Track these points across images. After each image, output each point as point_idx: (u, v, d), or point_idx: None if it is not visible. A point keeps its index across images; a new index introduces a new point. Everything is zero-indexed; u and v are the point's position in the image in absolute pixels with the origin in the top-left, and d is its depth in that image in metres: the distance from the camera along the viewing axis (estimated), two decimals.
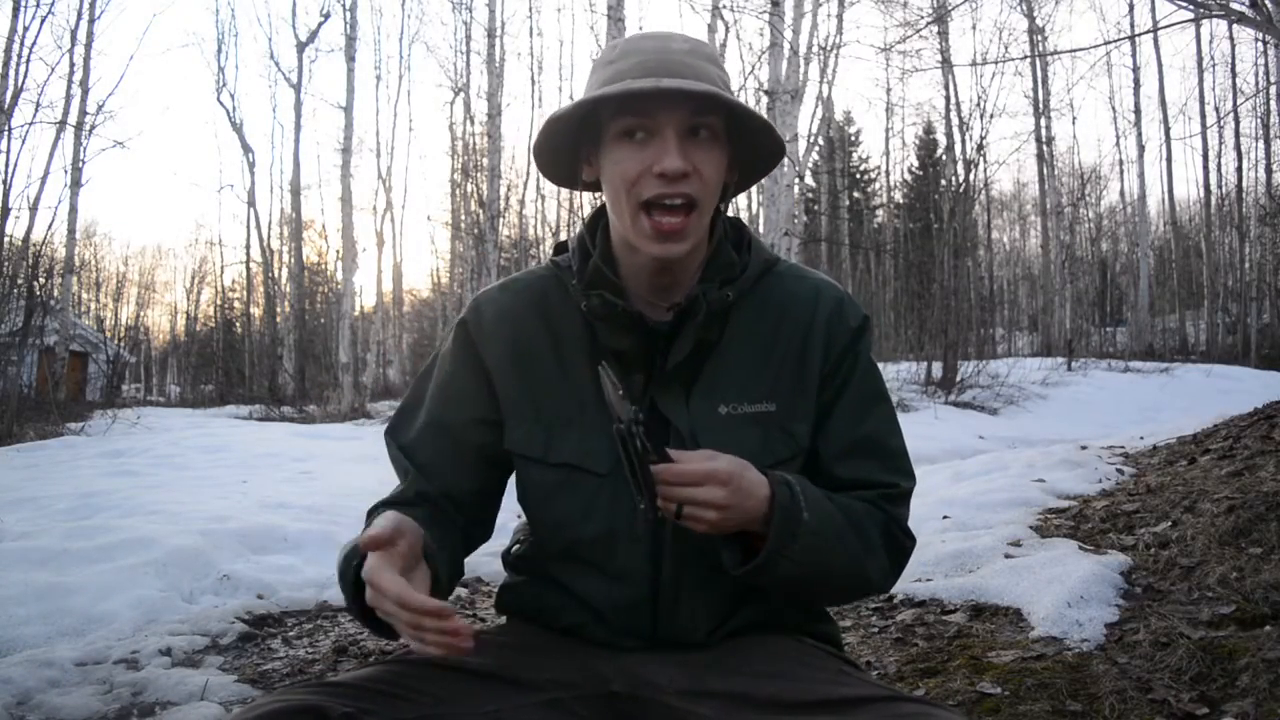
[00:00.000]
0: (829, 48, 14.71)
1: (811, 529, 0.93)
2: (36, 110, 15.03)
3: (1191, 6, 5.43)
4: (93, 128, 16.35)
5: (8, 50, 13.51)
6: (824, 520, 0.95)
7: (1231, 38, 20.89)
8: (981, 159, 16.27)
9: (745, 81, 12.07)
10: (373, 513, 1.07)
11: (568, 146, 1.05)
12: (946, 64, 17.96)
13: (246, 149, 23.56)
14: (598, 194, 1.07)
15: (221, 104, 29.29)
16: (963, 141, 18.98)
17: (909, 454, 1.10)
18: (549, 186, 22.63)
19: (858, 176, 31.46)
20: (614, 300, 1.00)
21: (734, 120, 0.99)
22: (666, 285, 1.04)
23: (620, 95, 0.94)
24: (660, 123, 0.96)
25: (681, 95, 0.94)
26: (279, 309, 22.80)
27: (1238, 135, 23.18)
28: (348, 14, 16.58)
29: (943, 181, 22.23)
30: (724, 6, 11.51)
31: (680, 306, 1.01)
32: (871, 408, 1.07)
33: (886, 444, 1.07)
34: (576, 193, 1.13)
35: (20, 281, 12.89)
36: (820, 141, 19.68)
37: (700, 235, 1.01)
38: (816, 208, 27.84)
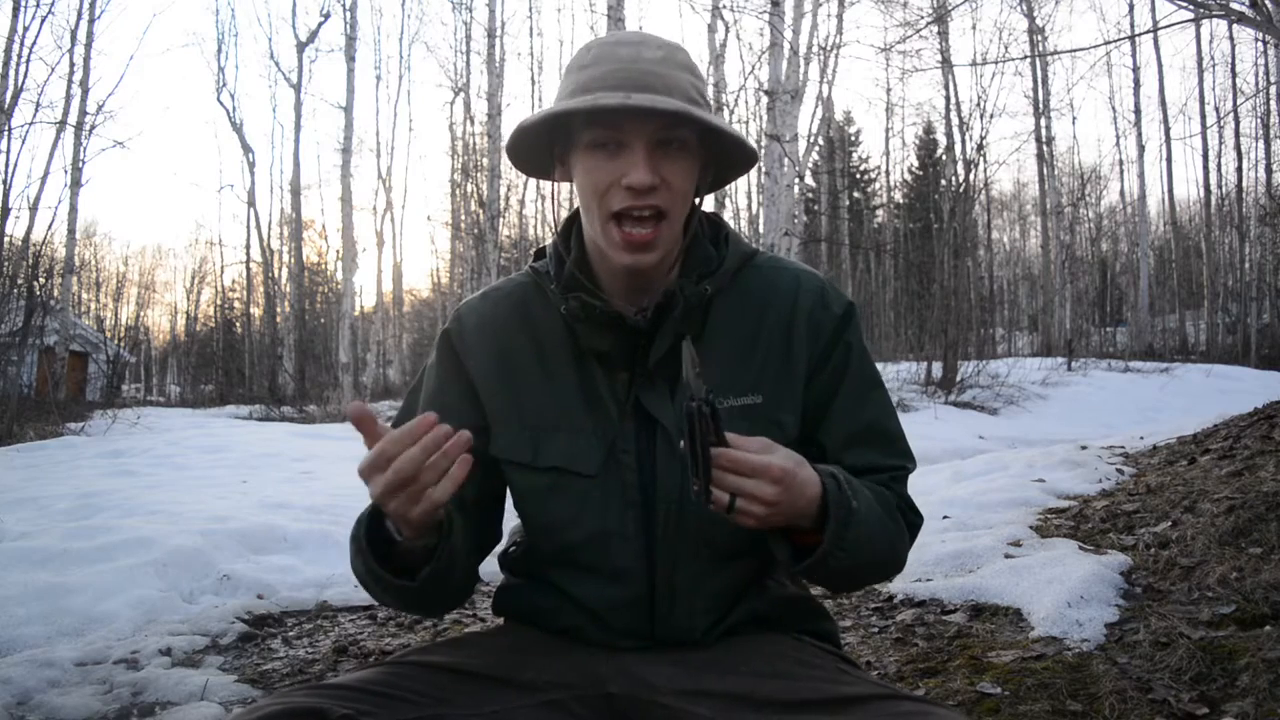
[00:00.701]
0: (829, 48, 14.73)
1: (860, 519, 0.93)
2: (36, 110, 15.17)
3: (1191, 6, 5.43)
4: (93, 128, 16.39)
5: (8, 50, 13.52)
6: (869, 509, 0.96)
7: (1231, 38, 20.93)
8: (981, 159, 16.28)
9: (745, 81, 12.08)
10: (368, 520, 1.07)
11: (541, 144, 1.05)
12: (946, 64, 17.97)
13: (246, 149, 23.61)
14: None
15: (221, 104, 29.43)
16: (963, 141, 19.02)
17: (906, 436, 1.11)
18: (549, 186, 22.58)
19: (858, 176, 31.45)
20: (592, 302, 1.00)
21: (713, 130, 0.98)
22: (641, 286, 1.04)
23: (589, 110, 0.94)
24: (629, 136, 0.95)
25: (651, 111, 0.93)
26: (279, 309, 22.81)
27: (1238, 135, 23.19)
28: (348, 14, 16.62)
29: (943, 181, 22.24)
30: (724, 6, 11.52)
31: (658, 303, 1.01)
32: (870, 395, 1.08)
33: (887, 429, 1.08)
34: (575, 195, 1.14)
35: (20, 281, 12.90)
36: (820, 141, 19.68)
37: (671, 243, 1.01)
38: (816, 208, 27.83)
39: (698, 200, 1.07)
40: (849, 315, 1.08)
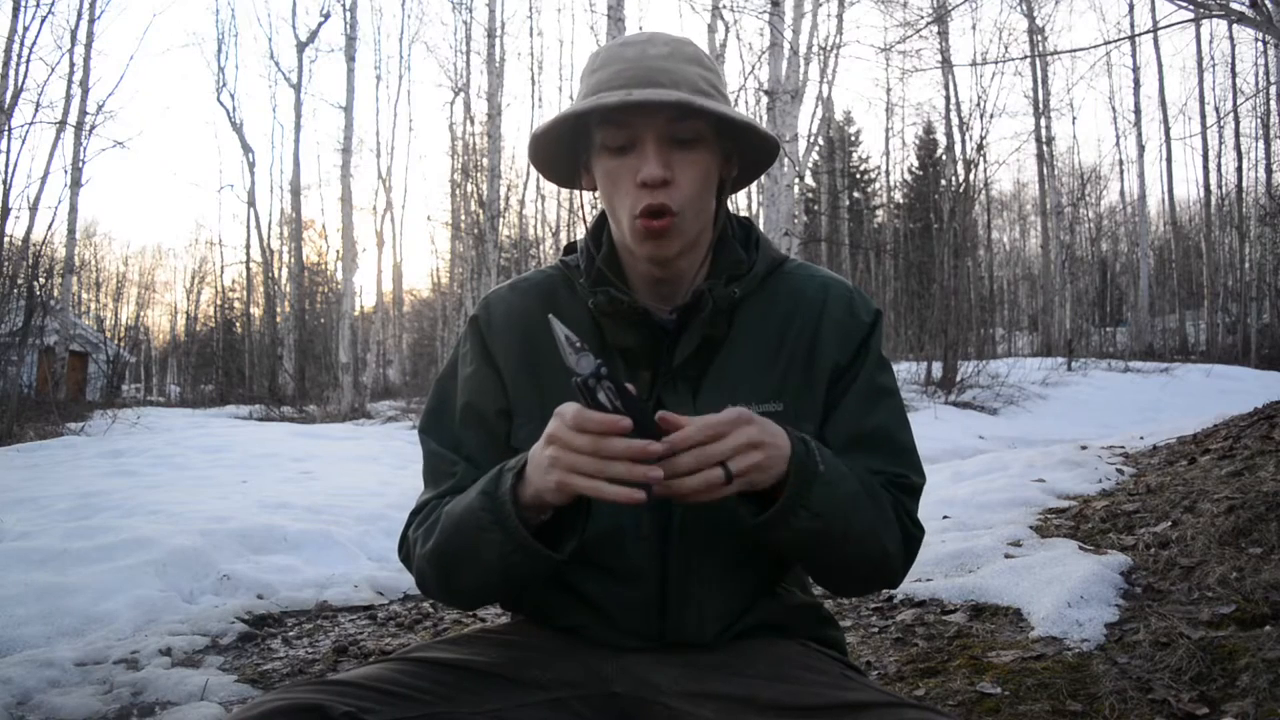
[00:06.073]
0: (829, 48, 14.73)
1: (826, 480, 0.90)
2: (36, 110, 15.20)
3: (1191, 6, 5.43)
4: (93, 128, 16.40)
5: (8, 50, 13.52)
6: (839, 476, 0.92)
7: (1231, 38, 20.95)
8: (981, 159, 16.28)
9: (745, 81, 12.08)
10: (419, 512, 1.05)
11: (566, 154, 1.06)
12: (946, 64, 17.96)
13: (246, 149, 23.63)
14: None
15: (221, 104, 29.58)
16: (963, 141, 18.99)
17: (919, 452, 1.08)
18: (549, 186, 22.64)
19: (858, 176, 31.44)
20: (620, 296, 1.00)
21: (722, 118, 0.98)
22: (669, 287, 1.04)
23: (592, 110, 0.95)
24: (640, 132, 0.96)
25: (656, 105, 0.94)
26: (279, 309, 22.80)
27: (1238, 135, 23.20)
28: (348, 14, 16.60)
29: (943, 181, 22.23)
30: (724, 6, 11.51)
31: (686, 303, 1.01)
32: (880, 401, 1.06)
33: (894, 438, 1.05)
34: (576, 193, 1.14)
35: (20, 281, 12.89)
36: (820, 141, 19.67)
37: (691, 237, 1.01)
38: (816, 208, 27.83)
39: (726, 198, 1.07)
40: (874, 324, 1.07)
